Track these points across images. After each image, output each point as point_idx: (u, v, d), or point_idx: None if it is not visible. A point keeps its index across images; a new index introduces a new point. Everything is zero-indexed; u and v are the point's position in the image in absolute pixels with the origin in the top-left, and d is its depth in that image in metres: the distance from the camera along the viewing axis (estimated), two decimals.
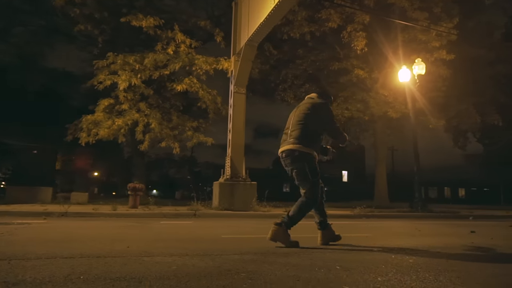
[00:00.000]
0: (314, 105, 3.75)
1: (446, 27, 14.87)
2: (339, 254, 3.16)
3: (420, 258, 2.98)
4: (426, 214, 11.56)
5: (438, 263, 2.78)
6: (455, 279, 2.24)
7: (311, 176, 3.60)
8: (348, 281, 2.15)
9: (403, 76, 13.94)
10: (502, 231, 6.35)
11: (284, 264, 2.68)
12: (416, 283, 2.10)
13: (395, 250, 3.50)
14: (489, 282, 2.22)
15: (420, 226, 7.12)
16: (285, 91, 18.66)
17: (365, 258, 2.97)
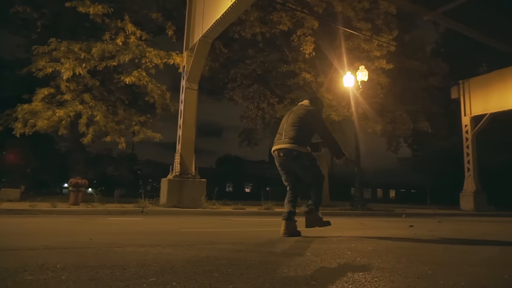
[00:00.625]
0: (309, 111, 4.15)
1: (386, 39, 15.95)
2: (306, 244, 3.31)
3: (378, 246, 3.23)
4: (366, 212, 12.31)
5: (395, 249, 3.05)
6: (414, 260, 2.49)
7: (311, 165, 4.08)
8: (323, 264, 2.29)
9: (347, 81, 14.70)
10: (435, 225, 7.00)
11: (258, 252, 2.76)
12: (384, 265, 2.30)
13: (353, 240, 3.76)
14: (442, 259, 2.50)
15: (364, 222, 7.61)
16: (234, 90, 18.74)
17: (331, 247, 3.15)
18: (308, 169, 4.08)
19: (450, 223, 8.23)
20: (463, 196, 17.49)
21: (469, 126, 17.84)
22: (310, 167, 4.06)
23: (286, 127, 4.09)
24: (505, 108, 16.68)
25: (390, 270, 2.14)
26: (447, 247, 3.50)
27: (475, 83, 18.05)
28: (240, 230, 4.90)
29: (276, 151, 4.07)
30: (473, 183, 17.31)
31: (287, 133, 4.02)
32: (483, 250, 3.34)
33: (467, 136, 17.88)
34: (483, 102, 17.45)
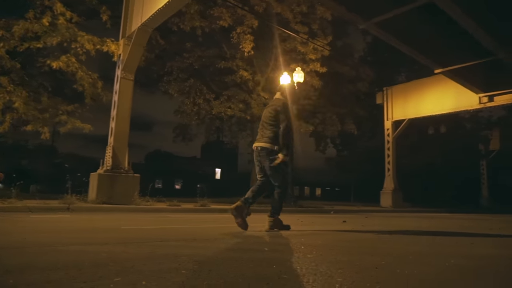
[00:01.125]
0: (278, 108, 4.40)
1: (322, 43, 16.68)
2: (259, 239, 3.34)
3: (326, 240, 3.38)
4: (297, 209, 12.77)
5: (342, 242, 3.21)
6: (364, 252, 2.65)
7: (281, 168, 4.34)
8: (285, 258, 2.33)
9: (284, 81, 15.07)
10: (364, 220, 7.52)
11: (216, 248, 2.71)
12: (340, 257, 2.41)
13: (300, 235, 3.87)
14: (387, 251, 2.69)
15: (300, 218, 7.90)
16: (170, 83, 18.17)
17: (283, 242, 3.21)
18: (277, 170, 4.29)
19: (375, 218, 8.89)
20: (383, 193, 19.01)
21: (390, 129, 19.42)
22: (278, 168, 4.28)
23: (265, 125, 4.43)
24: (420, 115, 18.46)
25: (348, 262, 2.25)
26: (386, 239, 3.77)
27: (396, 91, 19.70)
28: (185, 227, 4.78)
29: (255, 147, 4.45)
30: (392, 182, 18.89)
31: (265, 133, 4.38)
32: (415, 241, 3.66)
33: (388, 139, 19.45)
34: (403, 108, 19.13)
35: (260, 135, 4.47)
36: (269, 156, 4.27)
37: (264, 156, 4.31)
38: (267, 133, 4.35)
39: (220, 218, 6.72)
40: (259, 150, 4.37)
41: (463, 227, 6.18)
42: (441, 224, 6.96)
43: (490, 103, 16.34)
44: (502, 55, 12.60)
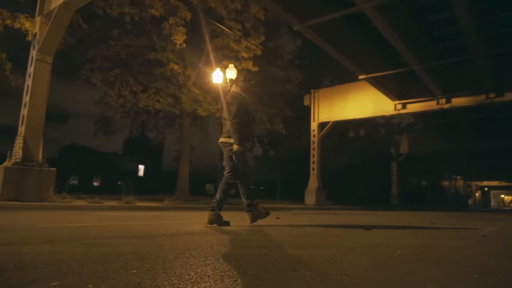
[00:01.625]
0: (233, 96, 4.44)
1: (255, 42, 16.79)
2: (206, 235, 3.14)
3: (273, 235, 3.30)
4: (227, 206, 12.63)
5: (290, 237, 3.16)
6: (316, 246, 2.62)
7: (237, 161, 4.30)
8: (240, 253, 2.18)
9: (216, 78, 14.87)
10: (295, 217, 7.66)
11: (160, 245, 2.47)
12: (298, 252, 2.33)
13: (242, 231, 3.75)
14: (337, 244, 2.69)
15: (234, 215, 7.77)
16: (93, 71, 16.80)
17: (229, 237, 3.06)
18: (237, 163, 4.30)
19: (304, 215, 9.15)
20: (308, 192, 19.79)
21: (316, 130, 20.30)
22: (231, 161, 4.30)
23: (223, 121, 4.53)
24: (344, 118, 19.61)
25: (306, 256, 2.18)
26: (328, 234, 3.82)
27: (323, 94, 20.67)
28: (116, 225, 4.36)
29: (220, 142, 4.54)
30: (316, 180, 19.77)
31: (225, 128, 4.45)
32: (354, 235, 3.76)
33: (314, 140, 20.31)
34: (328, 111, 20.13)
35: (222, 129, 4.55)
36: (227, 150, 4.33)
37: (224, 149, 4.39)
38: (227, 128, 4.38)
39: (149, 216, 6.33)
40: (220, 144, 4.48)
41: (389, 221, 6.61)
42: (367, 219, 7.37)
43: (404, 110, 17.94)
44: (416, 67, 13.88)
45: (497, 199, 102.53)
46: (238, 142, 4.19)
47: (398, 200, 29.61)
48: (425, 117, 24.65)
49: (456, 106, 17.11)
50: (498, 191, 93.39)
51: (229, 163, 4.34)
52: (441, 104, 16.86)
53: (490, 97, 15.77)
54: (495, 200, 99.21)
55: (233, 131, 4.22)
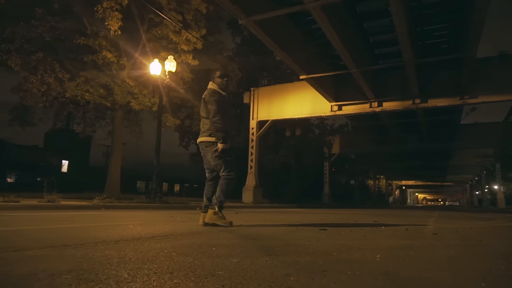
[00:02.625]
0: (211, 93, 4.32)
1: (196, 35, 16.21)
2: (164, 243, 2.70)
3: (231, 238, 2.97)
4: (164, 205, 12.03)
5: (250, 239, 2.85)
6: (281, 247, 2.34)
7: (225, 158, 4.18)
8: (186, 262, 1.83)
9: (154, 69, 14.06)
10: (238, 216, 7.38)
11: (104, 256, 2.01)
12: (265, 258, 2.04)
13: (196, 234, 3.36)
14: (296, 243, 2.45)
15: (173, 214, 7.29)
16: (10, 53, 14.92)
17: (184, 243, 2.67)
18: (223, 161, 4.16)
19: (247, 214, 8.92)
20: (245, 190, 19.68)
21: (255, 129, 20.25)
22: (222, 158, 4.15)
23: (202, 119, 4.39)
24: (283, 117, 19.83)
25: (290, 264, 1.89)
26: (285, 235, 3.59)
27: (262, 92, 20.69)
28: (41, 228, 3.69)
29: (198, 142, 4.41)
30: (254, 179, 19.72)
31: (203, 126, 4.33)
32: (314, 235, 3.58)
33: (253, 138, 20.25)
34: (267, 109, 20.20)
35: (201, 129, 4.39)
36: (211, 149, 4.20)
37: (205, 149, 4.27)
38: (206, 126, 4.29)
39: (78, 217, 5.61)
40: (200, 144, 4.35)
41: (336, 220, 6.60)
42: (313, 218, 7.33)
43: (339, 111, 18.62)
44: (353, 70, 14.41)
45: (412, 197, 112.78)
46: (222, 140, 4.10)
47: (329, 198, 30.86)
48: (358, 119, 25.95)
49: (387, 110, 18.18)
50: (413, 190, 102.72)
51: (219, 161, 4.18)
52: (373, 107, 17.78)
53: (416, 102, 16.98)
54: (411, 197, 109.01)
55: (215, 129, 4.12)
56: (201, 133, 4.36)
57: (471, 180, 60.27)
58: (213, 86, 4.49)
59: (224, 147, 4.10)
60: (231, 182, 4.27)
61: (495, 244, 3.22)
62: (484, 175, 45.31)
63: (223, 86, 4.54)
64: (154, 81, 14.89)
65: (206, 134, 4.27)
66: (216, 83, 4.51)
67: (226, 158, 4.18)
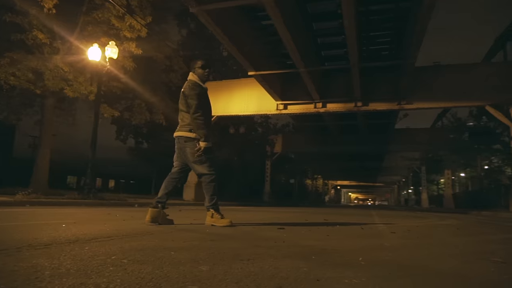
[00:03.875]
0: (191, 86, 4.02)
1: (142, 22, 15.28)
2: (111, 246, 2.25)
3: (191, 236, 2.60)
4: (99, 202, 11.15)
5: (209, 240, 2.51)
6: (252, 251, 2.05)
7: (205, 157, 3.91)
8: (144, 272, 1.47)
9: (93, 55, 12.99)
10: (185, 214, 6.95)
11: (32, 267, 1.55)
12: (241, 267, 1.73)
13: (150, 231, 2.93)
14: (266, 245, 2.18)
15: (111, 212, 6.67)
16: None
17: (144, 244, 2.26)
18: (201, 161, 3.92)
19: (191, 212, 8.49)
20: (187, 187, 19.06)
21: None
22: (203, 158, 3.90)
23: (180, 112, 4.16)
24: (229, 113, 19.51)
25: (270, 272, 1.59)
26: (246, 235, 3.29)
27: (209, 87, 19.95)
28: None
29: (175, 136, 4.12)
30: (196, 176, 19.16)
31: (183, 120, 4.04)
32: (277, 236, 3.33)
33: None
34: (214, 104, 19.48)
35: (180, 122, 4.10)
36: (189, 144, 3.93)
37: (184, 144, 3.98)
38: (186, 121, 4.00)
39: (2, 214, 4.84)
40: (178, 138, 4.06)
41: (287, 219, 6.43)
42: (262, 216, 7.11)
43: (285, 110, 18.74)
44: (302, 69, 14.52)
45: (346, 196, 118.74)
46: (204, 138, 3.86)
47: (270, 196, 31.15)
48: (301, 119, 26.43)
49: (330, 111, 18.66)
50: (347, 190, 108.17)
51: (198, 159, 3.92)
52: (318, 108, 18.13)
53: (358, 105, 17.61)
54: (345, 197, 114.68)
55: (196, 126, 3.85)
56: (180, 127, 4.08)
57: (399, 181, 64.84)
58: (193, 78, 4.18)
59: (207, 145, 3.86)
60: (215, 182, 4.03)
61: (461, 243, 3.20)
62: (411, 176, 48.89)
63: (205, 77, 4.24)
64: (92, 68, 13.79)
65: (186, 129, 3.99)
66: (196, 74, 4.20)
67: (207, 157, 3.94)
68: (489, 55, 17.58)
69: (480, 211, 16.35)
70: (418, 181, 44.19)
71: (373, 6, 12.61)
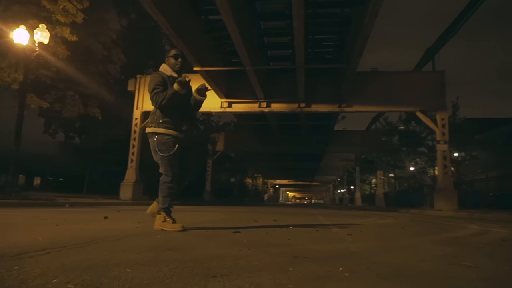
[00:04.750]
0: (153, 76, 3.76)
1: (79, 6, 14.10)
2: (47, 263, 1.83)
3: (145, 244, 2.27)
4: (24, 202, 10.02)
5: (169, 249, 2.21)
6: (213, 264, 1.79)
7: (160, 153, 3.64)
8: None
9: (19, 37, 11.66)
10: (125, 215, 6.41)
11: None
12: None
13: (96, 239, 2.52)
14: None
15: (41, 215, 5.94)
16: None
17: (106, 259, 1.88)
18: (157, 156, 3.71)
19: (132, 213, 7.92)
20: (124, 186, 18.02)
21: (139, 119, 18.71)
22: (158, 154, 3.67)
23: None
24: None
25: (241, 269, 1.36)
26: (206, 241, 3.00)
27: None
28: None
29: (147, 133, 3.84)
30: (134, 173, 18.20)
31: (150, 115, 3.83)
32: (237, 240, 3.09)
33: (136, 129, 18.68)
34: None
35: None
36: (150, 141, 3.71)
37: (149, 141, 3.77)
38: (151, 116, 3.77)
39: None
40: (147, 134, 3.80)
41: (236, 220, 6.19)
42: (211, 217, 6.81)
43: (229, 108, 18.49)
44: (248, 68, 14.39)
45: (284, 195, 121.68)
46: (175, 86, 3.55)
47: (210, 195, 30.73)
48: (245, 118, 26.35)
49: (274, 111, 18.78)
50: (285, 189, 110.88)
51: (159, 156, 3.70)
52: (262, 107, 18.14)
53: (301, 106, 17.93)
54: (283, 196, 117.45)
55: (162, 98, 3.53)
56: (148, 121, 3.87)
57: (334, 181, 67.82)
58: (162, 67, 3.85)
59: (178, 89, 3.51)
60: (171, 184, 3.71)
61: (418, 245, 3.22)
62: (346, 176, 51.34)
63: (176, 68, 3.81)
64: (18, 52, 12.41)
65: (149, 125, 3.77)
66: (168, 64, 3.84)
67: (168, 157, 3.64)
68: (420, 64, 18.88)
69: (409, 209, 17.51)
70: (352, 180, 46.48)
71: (320, 9, 12.85)
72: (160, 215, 3.73)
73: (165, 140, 3.64)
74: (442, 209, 14.78)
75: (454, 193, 15.73)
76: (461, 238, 4.22)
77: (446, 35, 16.63)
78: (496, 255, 2.84)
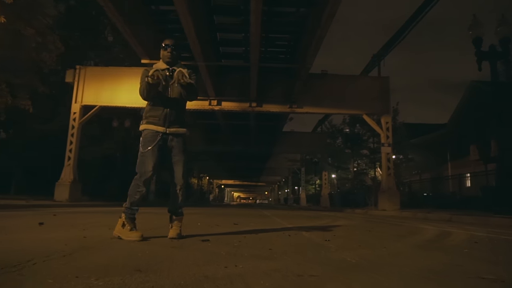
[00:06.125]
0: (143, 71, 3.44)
1: None
2: None
3: (108, 256, 1.75)
4: None
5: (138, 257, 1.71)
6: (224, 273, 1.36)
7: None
8: None
9: None
10: (61, 219, 5.62)
11: None
12: None
13: None
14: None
15: None
16: None
17: None
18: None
19: (71, 216, 7.08)
20: (60, 185, 16.46)
21: (78, 114, 17.21)
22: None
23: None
24: (114, 104, 17.52)
25: None
26: (161, 249, 2.51)
27: (91, 73, 17.82)
28: None
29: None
30: (72, 172, 16.71)
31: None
32: (209, 250, 2.63)
33: (74, 124, 17.16)
34: (96, 93, 17.46)
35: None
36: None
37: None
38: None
39: None
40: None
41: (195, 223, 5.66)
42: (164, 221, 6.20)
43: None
44: (201, 63, 13.81)
45: (229, 195, 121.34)
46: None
47: (154, 196, 29.45)
48: (193, 116, 25.57)
49: (225, 110, 18.32)
50: (231, 189, 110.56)
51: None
52: (213, 105, 17.58)
53: (253, 106, 17.64)
54: (228, 196, 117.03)
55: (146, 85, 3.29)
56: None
57: (280, 181, 68.82)
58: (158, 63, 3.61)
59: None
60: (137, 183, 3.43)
61: (413, 254, 3.00)
62: (291, 177, 52.24)
63: (167, 58, 3.49)
64: None
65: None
66: (161, 57, 3.55)
67: (140, 151, 3.44)
68: (367, 69, 19.53)
69: (354, 209, 17.99)
70: (297, 181, 47.36)
71: (276, 7, 12.66)
72: (121, 218, 3.30)
73: (145, 135, 3.38)
74: (386, 209, 15.32)
75: (397, 194, 16.41)
76: (433, 241, 4.13)
77: (390, 44, 17.35)
78: (496, 261, 2.69)
